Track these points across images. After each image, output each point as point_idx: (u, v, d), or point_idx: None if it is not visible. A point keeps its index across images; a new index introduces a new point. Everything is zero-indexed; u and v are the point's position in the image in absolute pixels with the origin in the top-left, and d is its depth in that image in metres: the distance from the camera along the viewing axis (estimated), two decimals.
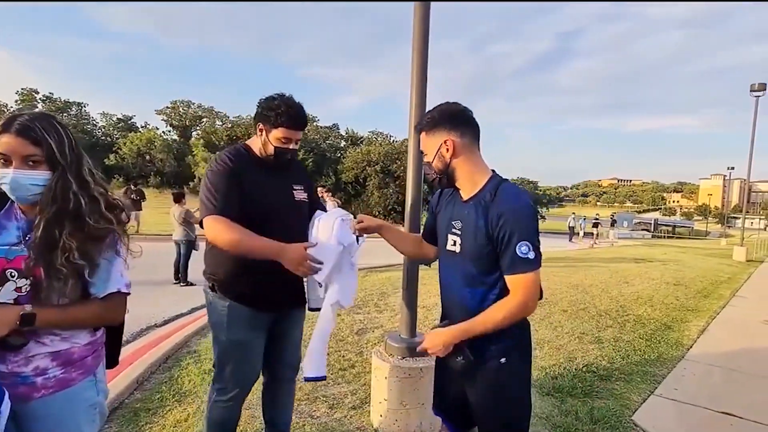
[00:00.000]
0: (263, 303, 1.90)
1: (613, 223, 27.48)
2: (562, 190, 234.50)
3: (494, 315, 1.45)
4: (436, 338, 1.50)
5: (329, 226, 1.84)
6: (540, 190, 44.00)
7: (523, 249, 1.40)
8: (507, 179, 1.57)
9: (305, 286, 2.05)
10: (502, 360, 1.52)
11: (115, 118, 42.32)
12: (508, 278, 1.44)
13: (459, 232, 1.55)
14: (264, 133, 1.87)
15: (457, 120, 1.53)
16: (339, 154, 37.13)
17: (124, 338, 4.35)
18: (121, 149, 35.08)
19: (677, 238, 47.26)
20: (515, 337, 1.54)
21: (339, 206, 12.91)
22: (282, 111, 1.81)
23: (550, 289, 7.07)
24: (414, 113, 2.57)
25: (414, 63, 2.56)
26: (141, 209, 13.50)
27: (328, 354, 3.89)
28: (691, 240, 41.09)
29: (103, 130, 41.79)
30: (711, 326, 5.76)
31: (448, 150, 1.51)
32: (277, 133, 1.84)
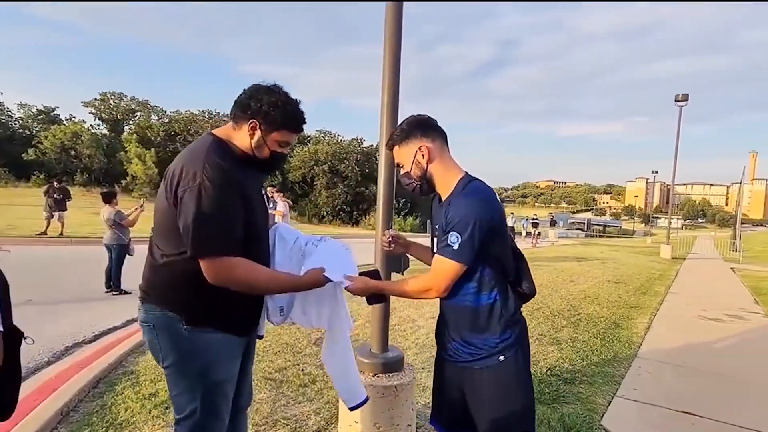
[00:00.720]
0: (249, 327, 1.66)
1: (554, 223, 28.87)
2: (503, 191, 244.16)
3: (404, 285, 1.56)
4: (364, 289, 1.61)
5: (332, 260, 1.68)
6: None
7: (452, 238, 1.45)
8: (477, 178, 1.59)
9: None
10: (501, 358, 1.53)
11: (35, 110, 38.59)
12: (434, 257, 1.54)
13: (438, 234, 1.59)
14: (260, 133, 1.53)
15: (426, 127, 1.59)
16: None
17: (45, 358, 3.85)
18: (42, 143, 32.00)
19: (608, 236, 50.68)
20: (513, 332, 1.56)
21: (290, 207, 12.50)
22: (289, 111, 1.54)
23: None
24: (386, 113, 2.44)
25: (386, 64, 2.41)
26: (66, 209, 12.24)
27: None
28: (620, 238, 44.12)
29: (20, 122, 37.95)
30: (654, 323, 6.03)
31: (423, 156, 1.57)
32: (277, 136, 1.55)
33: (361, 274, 1.65)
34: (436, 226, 1.61)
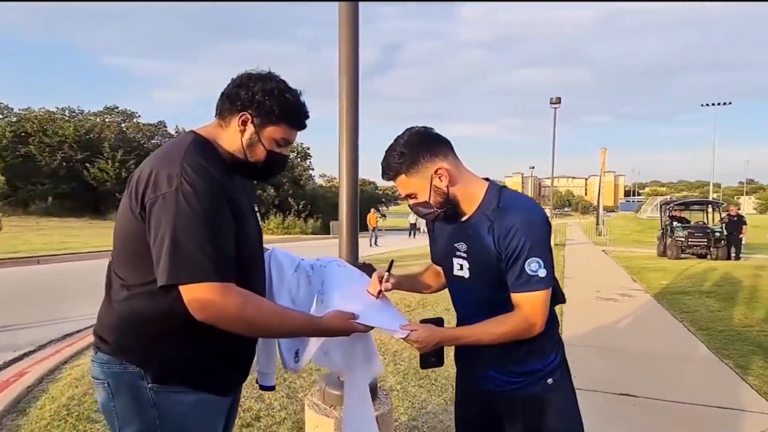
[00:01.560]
0: (236, 383, 1.33)
1: None
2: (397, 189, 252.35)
3: (494, 329, 1.29)
4: (431, 337, 1.29)
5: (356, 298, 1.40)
6: (380, 190, 46.64)
7: (533, 266, 1.25)
8: (505, 186, 1.41)
9: (257, 355, 1.42)
10: (549, 381, 1.37)
11: None
12: (514, 296, 1.28)
13: (465, 255, 1.37)
14: (253, 127, 1.23)
15: (433, 144, 1.34)
16: None
17: None
18: None
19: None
20: (557, 352, 1.41)
21: None
22: (289, 102, 1.25)
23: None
24: (345, 119, 2.21)
25: (342, 66, 2.25)
26: None
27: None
28: None
29: None
30: (564, 308, 6.50)
31: (441, 179, 1.32)
32: (275, 132, 1.25)
33: (422, 321, 1.36)
34: (457, 245, 1.38)
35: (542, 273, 1.24)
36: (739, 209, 15.33)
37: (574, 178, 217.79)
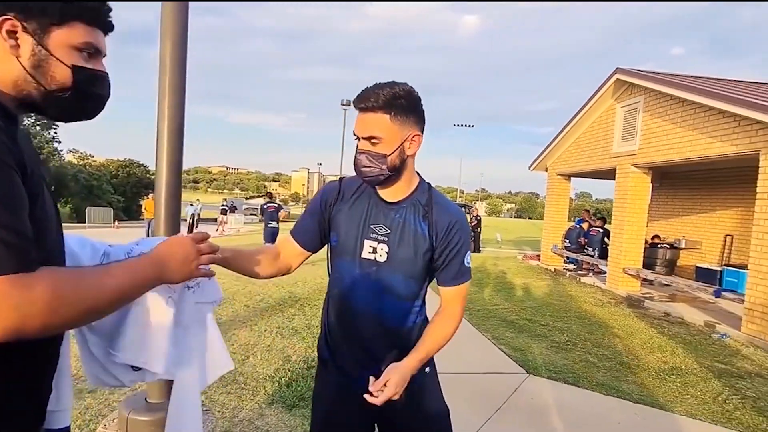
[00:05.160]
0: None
1: (234, 209, 28.76)
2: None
3: (445, 331, 1.34)
4: (405, 378, 1.20)
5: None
6: (151, 174, 41.30)
7: (468, 259, 1.38)
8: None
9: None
10: (427, 370, 1.41)
11: None
12: (449, 289, 1.38)
13: (385, 238, 1.33)
14: (31, 38, 0.80)
15: (422, 113, 1.33)
16: None
17: None
18: None
19: (281, 221, 55.42)
20: None
21: None
22: None
23: (229, 289, 6.64)
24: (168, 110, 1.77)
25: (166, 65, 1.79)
26: None
27: None
28: (291, 222, 48.84)
29: None
30: None
31: (410, 146, 1.31)
32: (69, 36, 0.83)
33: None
34: (374, 227, 1.34)
35: (469, 264, 1.39)
36: (478, 211, 19.30)
37: None
